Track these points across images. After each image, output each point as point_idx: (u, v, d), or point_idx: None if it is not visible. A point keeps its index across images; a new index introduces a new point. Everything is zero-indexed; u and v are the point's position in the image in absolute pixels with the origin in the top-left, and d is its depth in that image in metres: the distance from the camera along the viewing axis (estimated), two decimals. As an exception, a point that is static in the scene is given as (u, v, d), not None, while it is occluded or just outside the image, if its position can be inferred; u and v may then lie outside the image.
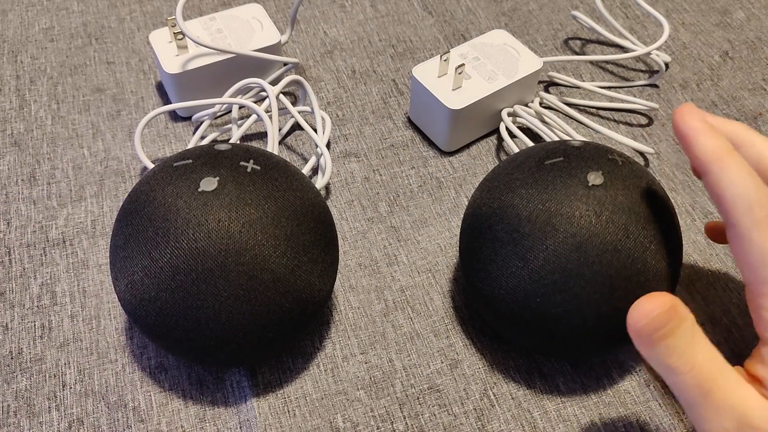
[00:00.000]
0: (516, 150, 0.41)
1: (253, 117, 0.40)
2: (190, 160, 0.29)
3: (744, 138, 0.28)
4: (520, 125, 0.44)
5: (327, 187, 0.41)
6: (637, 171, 0.30)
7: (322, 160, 0.40)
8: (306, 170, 0.40)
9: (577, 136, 0.41)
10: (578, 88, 0.47)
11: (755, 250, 0.26)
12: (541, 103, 0.45)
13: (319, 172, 0.40)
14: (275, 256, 0.28)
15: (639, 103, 0.44)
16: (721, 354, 0.26)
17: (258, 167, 0.30)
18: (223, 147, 0.30)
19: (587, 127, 0.44)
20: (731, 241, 0.27)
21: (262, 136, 0.44)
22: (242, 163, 0.29)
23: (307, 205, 0.30)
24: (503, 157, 0.43)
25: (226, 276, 0.27)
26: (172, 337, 0.28)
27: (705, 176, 0.27)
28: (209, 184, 0.28)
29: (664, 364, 0.26)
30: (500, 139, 0.44)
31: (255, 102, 0.43)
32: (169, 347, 0.29)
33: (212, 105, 0.41)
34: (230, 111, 0.43)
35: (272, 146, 0.38)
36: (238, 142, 0.40)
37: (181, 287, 0.27)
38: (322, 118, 0.42)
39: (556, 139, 0.41)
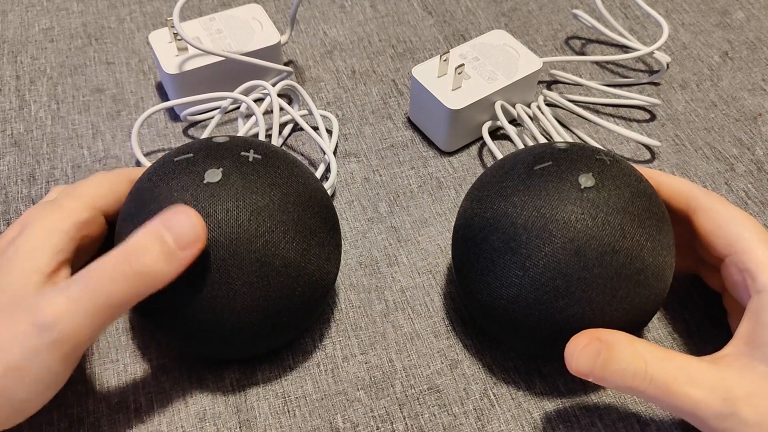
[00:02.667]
0: (498, 154, 0.41)
1: (252, 120, 0.40)
2: (191, 154, 0.30)
3: (661, 179, 0.33)
4: (513, 119, 0.44)
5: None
6: (626, 169, 0.30)
7: (322, 165, 0.40)
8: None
9: (569, 138, 0.41)
10: (581, 86, 0.47)
11: (719, 217, 0.30)
12: (545, 101, 0.45)
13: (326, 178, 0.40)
14: (285, 241, 0.28)
15: (641, 99, 0.44)
16: (671, 349, 0.27)
17: (259, 156, 0.30)
18: (221, 139, 0.31)
19: (593, 123, 0.45)
20: (699, 224, 0.31)
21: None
22: (243, 153, 0.30)
23: (310, 191, 0.30)
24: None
25: (239, 264, 0.27)
26: (187, 330, 0.29)
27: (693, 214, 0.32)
28: (214, 175, 0.28)
29: (625, 389, 0.27)
30: (500, 139, 0.44)
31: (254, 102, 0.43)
32: (183, 340, 0.30)
33: (209, 101, 0.41)
34: (227, 110, 0.43)
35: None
36: None
37: (195, 278, 0.27)
38: (325, 121, 0.42)
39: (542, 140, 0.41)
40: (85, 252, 0.30)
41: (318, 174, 0.40)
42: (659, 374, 0.27)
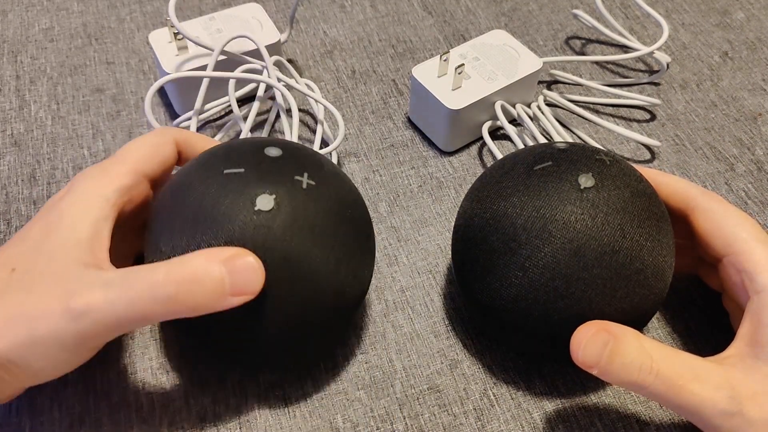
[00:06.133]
0: (498, 154, 0.41)
1: (254, 108, 0.40)
2: (242, 169, 0.28)
3: (659, 179, 0.33)
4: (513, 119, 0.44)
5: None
6: (625, 169, 0.30)
7: (325, 127, 0.41)
8: (316, 145, 0.41)
9: (569, 138, 0.41)
10: (581, 86, 0.47)
11: (717, 217, 0.30)
12: (545, 101, 0.45)
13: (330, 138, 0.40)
14: (333, 274, 0.28)
15: (641, 99, 0.44)
16: (677, 348, 0.27)
17: (313, 182, 0.29)
18: (273, 152, 0.29)
19: (593, 123, 0.45)
20: (697, 223, 0.31)
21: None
22: (297, 177, 0.29)
23: (359, 221, 0.30)
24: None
25: (285, 299, 0.27)
26: (218, 341, 0.29)
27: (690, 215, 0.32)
28: (266, 202, 0.27)
29: (629, 383, 0.27)
30: (500, 139, 0.44)
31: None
32: (213, 350, 0.31)
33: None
34: (224, 114, 0.43)
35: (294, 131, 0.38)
36: (293, 139, 0.40)
37: (237, 311, 0.27)
38: (307, 86, 0.43)
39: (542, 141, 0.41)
40: (130, 214, 0.30)
41: (318, 140, 0.41)
42: (665, 370, 0.26)
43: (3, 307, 0.26)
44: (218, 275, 0.25)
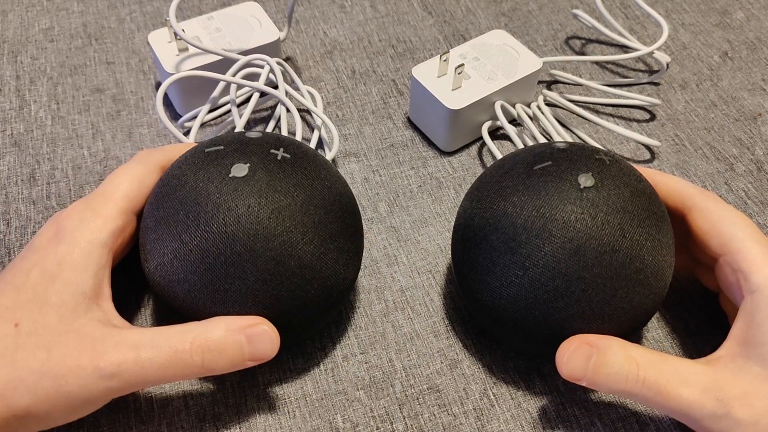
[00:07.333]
0: (498, 154, 0.41)
1: (251, 104, 0.41)
2: (222, 147, 0.30)
3: (657, 179, 0.33)
4: (513, 119, 0.44)
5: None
6: (625, 169, 0.30)
7: (323, 132, 0.41)
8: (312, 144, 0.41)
9: (569, 138, 0.41)
10: (581, 86, 0.47)
11: (714, 216, 0.30)
12: (545, 101, 0.45)
13: (325, 147, 0.41)
14: (302, 242, 0.28)
15: (641, 99, 0.44)
16: (668, 350, 0.27)
17: (288, 155, 0.30)
18: (253, 135, 0.31)
19: (593, 123, 0.45)
20: (694, 223, 0.31)
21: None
22: (272, 150, 0.30)
23: (334, 194, 0.30)
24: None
25: (254, 261, 0.28)
26: (198, 319, 0.29)
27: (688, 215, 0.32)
28: (240, 170, 0.29)
29: (618, 391, 0.28)
30: (499, 139, 0.44)
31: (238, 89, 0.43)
32: None
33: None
34: (223, 113, 0.43)
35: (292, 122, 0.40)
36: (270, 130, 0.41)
37: (209, 270, 0.28)
38: (310, 93, 0.43)
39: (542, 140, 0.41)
40: (120, 251, 0.31)
41: (313, 142, 0.41)
42: (652, 376, 0.27)
43: (22, 364, 0.26)
44: (239, 344, 0.27)
